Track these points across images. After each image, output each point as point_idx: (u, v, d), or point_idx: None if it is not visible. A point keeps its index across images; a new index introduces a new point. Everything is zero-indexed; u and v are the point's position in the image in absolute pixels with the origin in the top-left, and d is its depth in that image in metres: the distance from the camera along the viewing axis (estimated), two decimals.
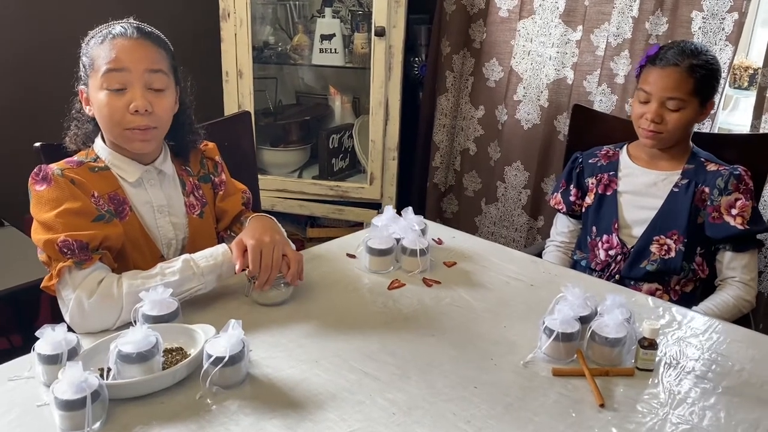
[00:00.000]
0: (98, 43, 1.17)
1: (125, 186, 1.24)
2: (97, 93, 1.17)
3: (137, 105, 1.16)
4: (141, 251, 1.25)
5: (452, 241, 1.51)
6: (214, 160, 1.41)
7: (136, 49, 1.16)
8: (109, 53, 1.15)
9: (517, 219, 2.42)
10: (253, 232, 1.21)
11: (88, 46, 1.20)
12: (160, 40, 1.22)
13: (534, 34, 2.24)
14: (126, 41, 1.16)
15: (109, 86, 1.15)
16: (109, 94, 1.16)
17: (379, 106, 2.36)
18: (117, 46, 1.16)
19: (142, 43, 1.18)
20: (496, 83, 2.38)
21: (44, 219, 1.13)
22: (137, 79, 1.16)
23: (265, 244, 1.18)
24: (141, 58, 1.16)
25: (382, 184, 2.46)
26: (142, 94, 1.16)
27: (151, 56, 1.18)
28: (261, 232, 1.21)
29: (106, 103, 1.16)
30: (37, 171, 1.16)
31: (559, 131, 2.27)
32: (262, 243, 1.18)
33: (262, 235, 1.20)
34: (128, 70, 1.15)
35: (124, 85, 1.16)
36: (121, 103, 1.16)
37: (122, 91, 1.16)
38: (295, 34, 2.52)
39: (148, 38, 1.19)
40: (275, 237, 1.21)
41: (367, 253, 1.34)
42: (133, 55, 1.15)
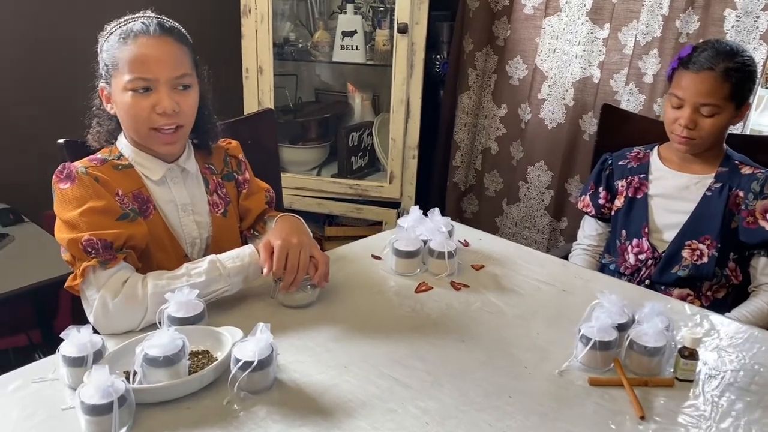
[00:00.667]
0: (120, 42, 1.14)
1: (149, 184, 1.22)
2: (121, 94, 1.15)
3: (164, 107, 1.13)
4: (165, 250, 1.23)
5: (479, 243, 1.48)
6: (238, 158, 1.39)
7: (160, 52, 1.13)
8: (133, 56, 1.12)
9: (539, 220, 2.39)
10: (280, 233, 1.18)
11: (108, 43, 1.17)
12: (181, 35, 1.19)
13: (560, 31, 2.20)
14: (148, 40, 1.13)
15: (134, 88, 1.13)
16: (134, 95, 1.14)
17: (400, 103, 2.32)
18: (140, 46, 1.13)
19: (165, 41, 1.15)
20: (519, 81, 2.34)
21: (68, 218, 1.11)
22: (164, 83, 1.14)
23: (292, 246, 1.16)
24: (166, 63, 1.14)
25: (401, 183, 2.43)
26: (168, 95, 1.14)
27: (175, 59, 1.15)
28: (288, 233, 1.19)
29: (132, 105, 1.14)
30: (61, 169, 1.14)
31: (584, 131, 2.23)
32: (289, 244, 1.16)
33: (289, 236, 1.17)
34: (153, 78, 1.13)
35: (150, 86, 1.14)
36: (147, 103, 1.14)
37: (148, 91, 1.14)
38: (315, 31, 2.49)
39: (170, 35, 1.16)
40: (302, 238, 1.19)
41: (394, 254, 1.31)
42: (158, 60, 1.13)
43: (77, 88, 1.29)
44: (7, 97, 2.15)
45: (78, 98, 1.26)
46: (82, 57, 1.34)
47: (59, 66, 2.23)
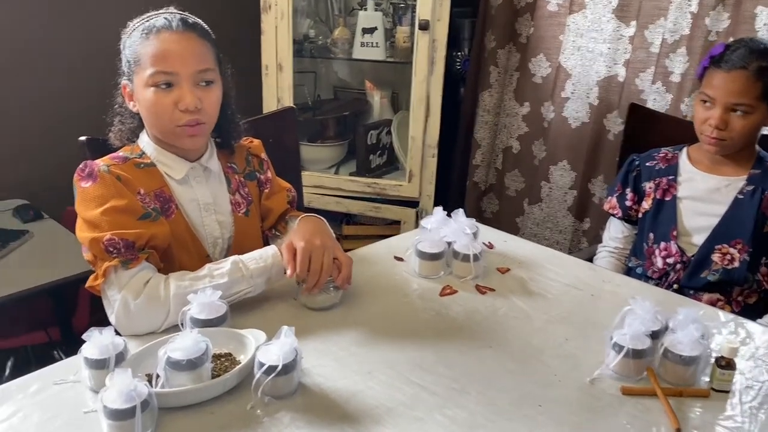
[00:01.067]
0: (142, 37, 1.13)
1: (171, 183, 1.21)
2: (143, 90, 1.13)
3: (187, 103, 1.12)
4: (187, 250, 1.21)
5: (504, 245, 1.45)
6: (260, 157, 1.37)
7: (182, 47, 1.12)
8: (155, 51, 1.11)
9: (561, 221, 2.35)
10: (303, 234, 1.16)
11: (131, 39, 1.15)
12: (204, 31, 1.18)
13: (584, 29, 2.16)
14: (171, 35, 1.12)
15: (156, 83, 1.12)
16: (156, 91, 1.12)
17: (420, 101, 2.29)
18: (162, 41, 1.11)
19: (188, 36, 1.13)
20: (542, 79, 2.30)
21: (90, 217, 1.09)
22: (186, 78, 1.12)
23: (315, 247, 1.14)
24: (188, 57, 1.12)
25: (420, 182, 2.40)
26: (191, 91, 1.12)
27: (198, 54, 1.13)
28: (311, 234, 1.16)
29: (155, 101, 1.12)
30: (82, 167, 1.13)
31: (609, 130, 2.19)
32: (312, 246, 1.14)
33: (312, 238, 1.15)
34: (176, 73, 1.11)
35: (173, 82, 1.12)
36: (169, 99, 1.12)
37: (170, 87, 1.12)
38: (335, 28, 2.46)
39: (192, 30, 1.15)
40: (325, 240, 1.17)
41: (417, 256, 1.29)
42: (180, 54, 1.11)
43: (99, 85, 1.28)
44: (28, 93, 2.15)
45: (100, 95, 1.25)
46: (104, 54, 1.33)
47: (82, 63, 2.23)
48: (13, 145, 2.14)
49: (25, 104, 2.15)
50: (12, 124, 2.13)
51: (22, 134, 2.15)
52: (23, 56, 2.11)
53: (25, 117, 2.15)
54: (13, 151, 2.14)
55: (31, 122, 2.17)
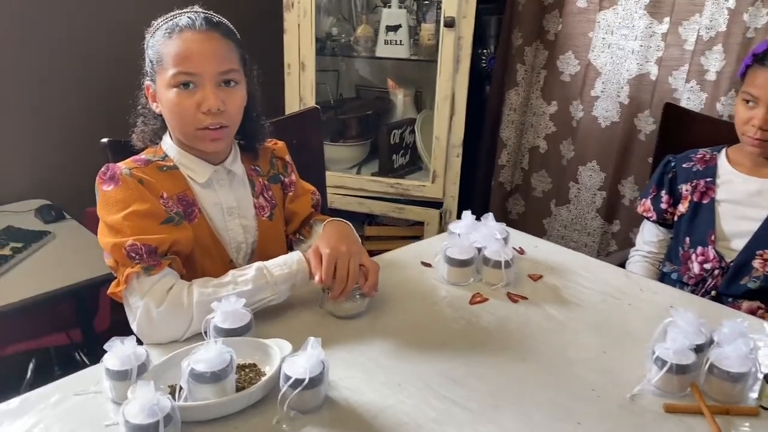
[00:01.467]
0: (165, 37, 1.10)
1: (194, 187, 1.18)
2: (165, 91, 1.10)
3: (209, 105, 1.08)
4: (210, 256, 1.18)
5: (535, 250, 1.40)
6: (284, 159, 1.33)
7: (205, 47, 1.08)
8: (178, 50, 1.08)
9: (590, 223, 2.29)
10: (328, 241, 1.13)
11: (154, 39, 1.12)
12: (228, 31, 1.14)
13: (615, 26, 2.09)
14: (194, 35, 1.09)
15: (177, 83, 1.09)
16: (178, 92, 1.09)
17: (445, 100, 2.25)
18: (185, 41, 1.08)
19: (211, 36, 1.10)
20: (571, 77, 2.24)
21: (112, 221, 1.07)
22: (209, 79, 1.09)
23: (341, 254, 1.10)
24: (211, 58, 1.09)
25: (444, 183, 2.35)
26: (214, 92, 1.09)
27: (221, 54, 1.10)
28: (337, 240, 1.13)
29: (177, 103, 1.09)
30: (104, 170, 1.11)
31: (640, 130, 2.12)
32: (338, 252, 1.10)
33: (338, 244, 1.11)
34: (198, 74, 1.08)
35: (195, 83, 1.09)
36: (192, 101, 1.09)
37: (193, 88, 1.09)
38: (358, 25, 2.42)
39: (216, 30, 1.11)
40: (352, 246, 1.13)
41: (446, 262, 1.24)
42: (203, 55, 1.08)
43: (123, 86, 1.25)
44: (51, 93, 2.14)
45: (124, 96, 1.23)
46: (129, 54, 1.30)
47: (106, 63, 2.21)
48: (35, 144, 2.13)
49: (47, 103, 2.14)
50: (34, 123, 2.12)
51: (44, 133, 2.14)
52: (50, 55, 2.11)
53: (48, 116, 2.15)
54: (36, 150, 2.13)
55: (53, 121, 2.16)
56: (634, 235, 2.20)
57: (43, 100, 2.13)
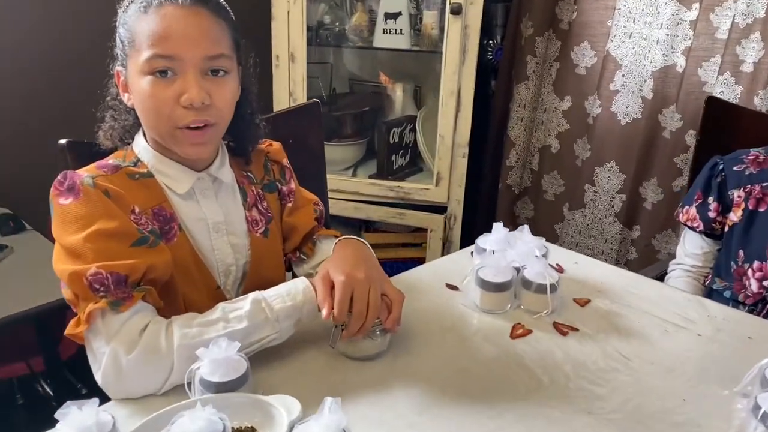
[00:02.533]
0: (140, 11, 0.88)
1: (173, 198, 0.96)
2: (138, 78, 0.89)
3: (191, 97, 0.87)
4: (192, 282, 0.97)
5: (575, 268, 1.20)
6: (281, 163, 1.12)
7: (189, 24, 0.87)
8: (155, 28, 0.86)
9: (607, 228, 2.10)
10: (341, 264, 0.92)
11: (127, 14, 0.91)
12: (219, 6, 0.92)
13: (637, 13, 1.91)
14: (176, 9, 0.87)
15: (152, 69, 0.87)
16: (153, 81, 0.87)
17: (451, 95, 2.05)
18: (165, 18, 0.86)
19: (198, 12, 0.88)
20: (587, 70, 2.05)
21: (70, 243, 0.85)
22: (192, 65, 0.87)
23: (358, 281, 0.89)
24: (196, 39, 0.87)
25: (449, 186, 2.15)
26: (197, 81, 0.87)
27: (209, 35, 0.88)
28: (352, 264, 0.92)
29: (151, 94, 0.88)
30: (61, 178, 0.88)
31: (665, 127, 1.94)
32: (354, 280, 0.89)
33: (353, 269, 0.90)
34: (179, 57, 0.86)
35: (174, 70, 0.87)
36: (170, 92, 0.87)
37: (171, 76, 0.87)
38: (353, 13, 2.21)
39: (203, 5, 0.89)
40: (370, 271, 0.92)
41: (479, 286, 1.04)
42: (186, 34, 0.86)
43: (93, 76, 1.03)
44: (10, 90, 1.90)
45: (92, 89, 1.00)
46: (98, 40, 1.07)
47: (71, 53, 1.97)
48: None
49: (5, 102, 1.89)
50: None
51: (2, 135, 1.90)
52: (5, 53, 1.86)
53: (6, 116, 1.90)
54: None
55: (11, 120, 1.91)
56: (657, 242, 2.03)
57: None
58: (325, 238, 1.12)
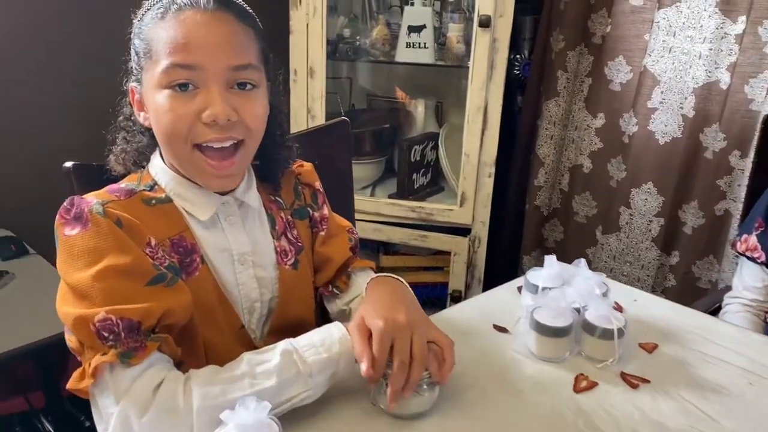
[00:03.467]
0: (156, 18, 0.78)
1: (194, 226, 0.85)
2: (154, 93, 0.78)
3: (215, 112, 0.76)
4: (215, 322, 0.85)
5: (634, 306, 1.08)
6: (313, 187, 1.01)
7: (213, 31, 0.76)
8: (174, 35, 0.76)
9: (644, 254, 1.98)
10: (380, 308, 0.80)
11: (142, 23, 0.80)
12: (245, 13, 0.82)
13: (678, 26, 1.80)
14: (197, 14, 0.76)
15: (171, 82, 0.76)
16: (172, 95, 0.77)
17: (477, 111, 1.94)
18: (184, 23, 0.76)
19: (222, 18, 0.78)
20: (621, 86, 1.94)
21: (76, 282, 0.73)
22: (216, 76, 0.77)
23: (399, 328, 0.77)
24: (220, 45, 0.76)
25: (474, 206, 2.04)
26: (221, 95, 0.77)
27: (236, 43, 0.78)
28: (390, 306, 0.80)
29: (168, 108, 0.77)
30: (67, 205, 0.77)
31: (707, 147, 1.82)
32: (396, 326, 0.77)
33: (392, 313, 0.79)
34: (202, 67, 0.76)
35: (195, 82, 0.77)
36: (191, 108, 0.77)
37: (192, 90, 0.77)
38: (374, 26, 2.11)
39: (229, 9, 0.79)
40: (413, 314, 0.80)
41: (534, 330, 0.92)
42: (208, 42, 0.76)
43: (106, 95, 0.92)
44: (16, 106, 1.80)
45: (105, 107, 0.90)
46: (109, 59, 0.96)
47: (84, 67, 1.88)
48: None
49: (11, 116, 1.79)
50: None
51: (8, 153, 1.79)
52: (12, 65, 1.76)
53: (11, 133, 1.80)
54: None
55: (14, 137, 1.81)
56: (697, 269, 1.91)
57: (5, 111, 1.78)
58: (361, 271, 1.01)
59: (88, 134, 0.92)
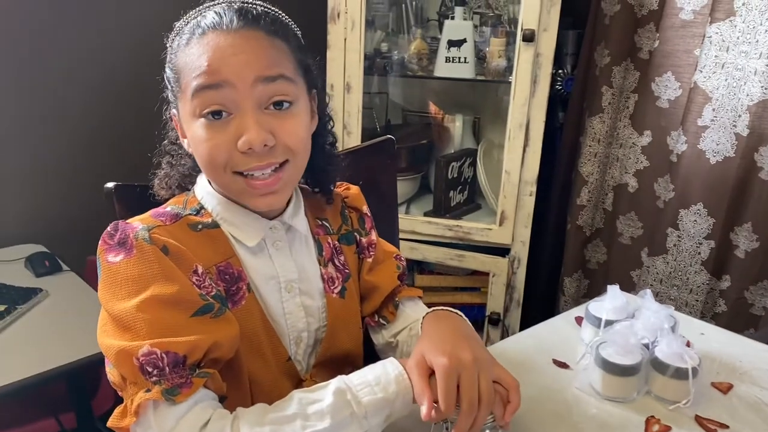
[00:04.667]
0: (183, 44, 0.74)
1: (241, 252, 0.81)
2: (190, 123, 0.74)
3: (250, 139, 0.72)
4: (261, 354, 0.81)
5: (702, 340, 1.01)
6: (360, 211, 0.96)
7: (239, 50, 0.72)
8: (199, 59, 0.72)
9: (693, 278, 1.90)
10: (440, 344, 0.74)
11: (171, 50, 0.77)
12: (276, 25, 0.76)
13: (732, 41, 1.73)
14: (222, 36, 0.72)
15: (204, 111, 0.72)
16: (206, 124, 0.73)
17: (519, 128, 1.88)
18: (209, 46, 0.72)
19: (249, 36, 0.73)
20: (670, 103, 1.87)
21: (119, 312, 0.69)
22: (245, 96, 0.72)
23: (465, 366, 0.72)
24: (248, 62, 0.72)
25: (514, 226, 1.98)
26: (255, 118, 0.72)
27: (263, 57, 0.73)
28: (453, 343, 0.74)
29: (204, 139, 0.73)
30: (111, 230, 0.74)
31: (762, 167, 1.74)
32: (461, 364, 0.72)
33: (456, 350, 0.73)
34: (229, 83, 0.71)
35: (227, 107, 0.72)
36: (226, 136, 0.73)
37: (227, 117, 0.73)
38: (412, 40, 2.07)
39: (256, 26, 0.74)
40: (479, 352, 0.74)
41: (600, 367, 0.86)
42: (235, 60, 0.71)
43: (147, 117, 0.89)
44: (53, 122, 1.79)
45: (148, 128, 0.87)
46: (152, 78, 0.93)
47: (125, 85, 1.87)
48: (25, 176, 1.76)
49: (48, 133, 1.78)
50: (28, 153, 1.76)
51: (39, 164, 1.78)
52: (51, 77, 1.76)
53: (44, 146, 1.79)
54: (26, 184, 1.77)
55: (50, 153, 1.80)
56: (750, 295, 1.82)
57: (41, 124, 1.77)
58: (408, 300, 0.96)
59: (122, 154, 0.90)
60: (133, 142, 0.92)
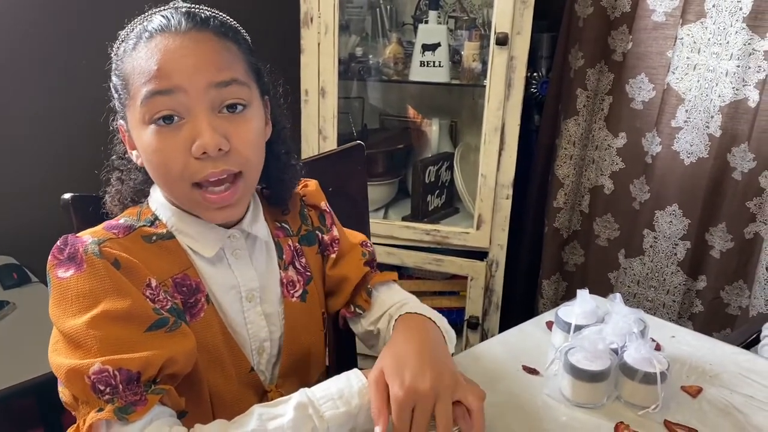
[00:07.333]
0: (129, 49, 0.72)
1: (198, 263, 0.79)
2: (140, 131, 0.72)
3: (204, 143, 0.70)
4: (221, 367, 0.79)
5: (672, 343, 1.01)
6: (319, 207, 0.95)
7: (189, 53, 0.70)
8: (147, 63, 0.69)
9: (669, 278, 1.90)
10: (401, 369, 0.71)
11: (117, 56, 0.75)
12: (226, 28, 0.75)
13: (703, 42, 1.73)
14: (171, 38, 0.70)
15: (155, 117, 0.70)
16: (157, 131, 0.71)
17: (494, 132, 1.88)
18: (157, 49, 0.70)
19: (198, 38, 0.71)
20: (644, 105, 1.87)
21: (69, 329, 0.67)
22: (198, 101, 0.70)
23: (420, 397, 0.68)
24: (199, 66, 0.70)
25: (491, 229, 1.97)
26: (209, 122, 0.70)
27: (215, 60, 0.71)
28: (414, 369, 0.71)
29: (156, 147, 0.71)
30: (60, 245, 0.71)
31: (735, 168, 1.75)
32: (416, 394, 0.68)
33: (416, 380, 0.69)
34: (181, 88, 0.69)
35: (179, 112, 0.70)
36: (179, 141, 0.71)
37: (178, 122, 0.71)
38: (387, 44, 2.06)
39: (205, 28, 0.72)
40: (438, 377, 0.71)
41: (569, 373, 0.85)
42: (185, 63, 0.69)
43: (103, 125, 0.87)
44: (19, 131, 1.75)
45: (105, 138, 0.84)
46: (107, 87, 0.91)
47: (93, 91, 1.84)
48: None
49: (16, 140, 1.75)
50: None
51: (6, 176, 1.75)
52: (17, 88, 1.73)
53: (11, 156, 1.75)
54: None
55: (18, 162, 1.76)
56: (726, 295, 1.83)
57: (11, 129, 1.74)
58: (382, 285, 0.95)
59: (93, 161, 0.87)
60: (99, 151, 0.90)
